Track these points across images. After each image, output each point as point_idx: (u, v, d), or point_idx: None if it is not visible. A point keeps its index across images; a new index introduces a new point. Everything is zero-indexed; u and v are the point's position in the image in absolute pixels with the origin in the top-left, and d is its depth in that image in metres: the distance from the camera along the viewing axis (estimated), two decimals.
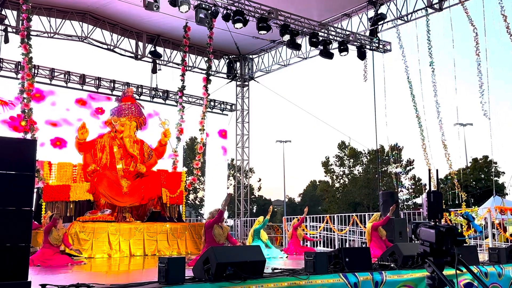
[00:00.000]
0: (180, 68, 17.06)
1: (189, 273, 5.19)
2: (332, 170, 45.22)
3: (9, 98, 15.10)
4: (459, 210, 13.71)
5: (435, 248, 2.62)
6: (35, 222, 11.17)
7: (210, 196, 21.72)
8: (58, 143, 16.40)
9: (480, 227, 11.79)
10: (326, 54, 15.70)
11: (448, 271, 2.79)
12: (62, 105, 16.92)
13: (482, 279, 7.07)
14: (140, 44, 18.61)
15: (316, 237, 15.94)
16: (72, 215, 11.77)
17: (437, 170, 3.21)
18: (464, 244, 2.83)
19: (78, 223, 10.76)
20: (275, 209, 60.53)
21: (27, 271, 4.27)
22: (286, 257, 10.60)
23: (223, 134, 21.30)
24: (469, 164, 37.56)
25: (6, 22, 15.35)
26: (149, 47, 18.73)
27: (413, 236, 2.85)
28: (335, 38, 15.92)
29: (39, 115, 13.50)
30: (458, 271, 2.58)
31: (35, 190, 12.16)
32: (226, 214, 21.62)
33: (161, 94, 19.45)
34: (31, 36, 13.16)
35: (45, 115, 15.83)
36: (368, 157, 42.65)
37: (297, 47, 15.55)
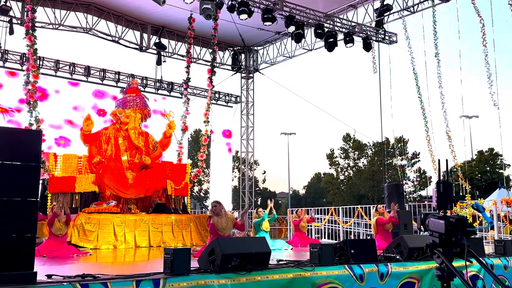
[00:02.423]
0: (185, 60, 17.02)
1: (194, 264, 5.19)
2: (337, 162, 45.18)
3: (11, 101, 15.00)
4: (465, 203, 13.66)
5: (444, 239, 2.60)
6: (41, 213, 11.20)
7: (214, 188, 21.74)
8: (62, 142, 16.42)
9: (490, 218, 11.75)
10: (328, 46, 15.57)
11: (456, 263, 2.77)
12: (66, 104, 16.74)
13: None
14: (145, 35, 18.56)
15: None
16: (78, 206, 11.81)
17: (446, 160, 3.16)
18: (471, 236, 2.81)
19: (83, 214, 10.80)
20: (280, 202, 60.56)
21: (33, 261, 4.28)
22: (291, 249, 10.61)
23: (227, 134, 21.30)
24: (474, 157, 37.43)
25: (11, 13, 15.33)
26: (154, 39, 18.67)
27: (421, 227, 2.82)
28: (341, 29, 15.82)
29: (42, 115, 13.19)
30: (467, 262, 2.56)
31: (41, 181, 12.19)
32: (230, 206, 21.73)
33: (166, 86, 19.42)
34: (35, 28, 13.13)
35: (49, 116, 15.04)
36: (373, 150, 42.57)
37: (299, 38, 15.35)
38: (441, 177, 3.00)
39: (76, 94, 17.23)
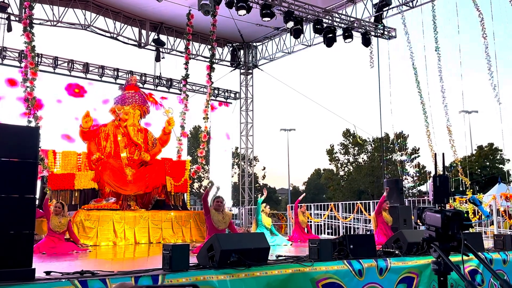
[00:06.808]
0: (183, 56, 16.95)
1: (193, 260, 5.19)
2: (336, 158, 45.19)
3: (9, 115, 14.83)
4: (464, 198, 13.67)
5: (441, 232, 2.59)
6: (40, 210, 11.19)
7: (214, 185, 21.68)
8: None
9: (487, 211, 11.77)
10: (327, 41, 15.52)
11: (454, 258, 2.76)
12: (65, 116, 16.22)
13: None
14: (143, 32, 18.50)
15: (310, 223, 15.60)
16: (77, 203, 11.81)
17: (443, 154, 3.15)
18: (470, 230, 2.80)
19: (83, 211, 10.81)
20: (280, 198, 60.58)
21: (31, 258, 4.28)
22: (291, 244, 10.62)
23: (226, 130, 21.26)
24: (474, 152, 37.43)
25: (9, 10, 15.28)
26: (153, 35, 18.63)
27: (418, 221, 2.82)
28: (340, 25, 15.77)
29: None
30: (464, 257, 2.55)
31: (40, 178, 12.17)
32: (230, 203, 21.72)
33: (164, 83, 19.39)
34: (33, 25, 13.08)
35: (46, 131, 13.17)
36: (373, 145, 42.57)
37: (298, 34, 15.28)
38: (438, 171, 3.00)
39: (77, 103, 16.78)
